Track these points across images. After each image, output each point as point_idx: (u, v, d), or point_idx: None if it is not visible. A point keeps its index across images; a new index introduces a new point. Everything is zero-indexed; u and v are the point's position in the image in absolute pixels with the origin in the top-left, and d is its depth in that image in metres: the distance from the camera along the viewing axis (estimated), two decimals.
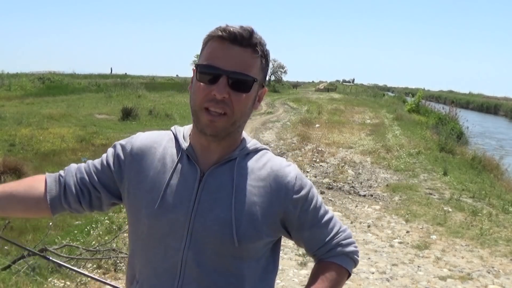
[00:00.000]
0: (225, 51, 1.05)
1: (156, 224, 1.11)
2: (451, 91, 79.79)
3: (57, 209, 1.20)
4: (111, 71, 52.24)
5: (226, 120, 1.06)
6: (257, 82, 1.10)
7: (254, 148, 1.18)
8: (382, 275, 4.22)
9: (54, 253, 3.75)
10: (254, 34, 1.07)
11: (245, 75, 1.05)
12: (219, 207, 1.09)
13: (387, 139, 13.18)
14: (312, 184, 1.20)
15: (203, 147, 1.13)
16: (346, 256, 1.22)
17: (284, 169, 1.16)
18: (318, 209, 1.19)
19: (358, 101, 32.34)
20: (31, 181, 1.23)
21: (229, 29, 1.04)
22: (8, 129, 10.99)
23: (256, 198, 1.11)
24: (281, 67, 53.13)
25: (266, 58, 1.11)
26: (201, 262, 1.09)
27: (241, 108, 1.08)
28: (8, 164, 6.66)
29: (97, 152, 9.11)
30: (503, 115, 38.35)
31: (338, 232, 1.22)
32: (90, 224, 4.99)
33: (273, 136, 13.11)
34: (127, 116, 14.66)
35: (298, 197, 1.14)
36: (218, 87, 1.03)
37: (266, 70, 1.14)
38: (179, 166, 1.14)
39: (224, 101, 1.04)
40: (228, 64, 1.04)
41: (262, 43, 1.09)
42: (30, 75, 32.11)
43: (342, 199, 6.86)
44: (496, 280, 4.26)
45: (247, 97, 1.08)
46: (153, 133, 1.26)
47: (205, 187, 1.10)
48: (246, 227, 1.09)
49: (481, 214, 6.27)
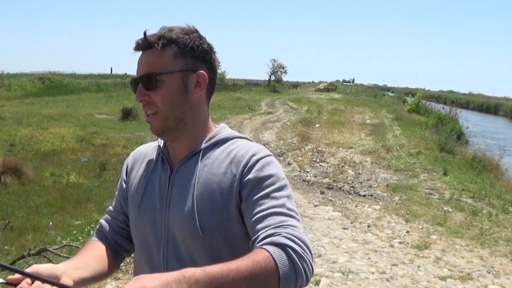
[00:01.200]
0: (138, 61, 1.14)
1: (139, 225, 1.19)
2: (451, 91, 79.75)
3: (120, 260, 1.31)
4: (111, 71, 52.28)
5: (158, 118, 1.12)
6: (165, 73, 1.10)
7: (223, 138, 1.17)
8: (382, 275, 4.22)
9: (54, 253, 3.75)
10: (152, 33, 1.11)
11: (150, 74, 1.10)
12: (184, 201, 1.11)
13: (387, 139, 13.18)
14: (278, 174, 1.08)
15: (171, 146, 1.20)
16: (281, 249, 0.92)
17: (247, 153, 1.11)
18: (268, 197, 1.04)
19: (358, 101, 32.33)
20: (99, 257, 1.22)
21: (136, 40, 1.13)
22: (8, 129, 11.00)
23: (216, 185, 1.09)
24: (281, 67, 53.20)
25: (181, 45, 1.11)
26: (180, 257, 1.11)
27: (165, 102, 1.11)
28: (8, 164, 6.66)
29: (97, 152, 9.12)
30: (503, 115, 38.33)
31: (283, 226, 0.99)
32: (90, 224, 4.99)
33: (273, 136, 13.11)
34: (127, 116, 14.67)
35: (247, 179, 1.07)
36: (136, 94, 1.12)
37: (190, 55, 1.12)
38: (155, 168, 1.20)
39: (150, 102, 1.11)
40: (139, 71, 1.12)
41: (168, 35, 1.11)
42: (30, 75, 32.15)
43: (342, 199, 6.86)
44: (496, 280, 4.26)
45: (165, 91, 1.10)
46: (144, 145, 1.34)
47: (174, 184, 1.14)
48: (209, 217, 1.08)
49: (481, 214, 6.27)
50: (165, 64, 1.10)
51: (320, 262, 4.42)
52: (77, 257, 1.16)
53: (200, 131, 1.17)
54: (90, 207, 5.78)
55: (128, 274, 3.85)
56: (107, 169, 7.56)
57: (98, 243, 1.25)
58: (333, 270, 4.26)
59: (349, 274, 4.18)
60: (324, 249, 4.81)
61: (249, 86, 45.03)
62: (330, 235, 5.27)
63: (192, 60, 1.12)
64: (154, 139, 1.30)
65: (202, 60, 1.14)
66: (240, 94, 31.25)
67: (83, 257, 1.16)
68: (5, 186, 6.34)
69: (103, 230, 1.28)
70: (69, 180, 6.84)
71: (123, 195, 1.28)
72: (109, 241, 1.26)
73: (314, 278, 4.00)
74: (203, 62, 1.14)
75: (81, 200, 6.04)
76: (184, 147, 1.16)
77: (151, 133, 1.17)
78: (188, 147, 1.16)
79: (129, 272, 3.88)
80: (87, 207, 5.76)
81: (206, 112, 1.19)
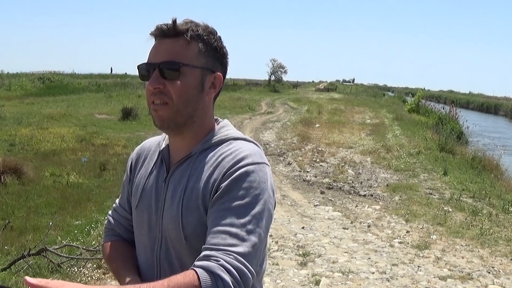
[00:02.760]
0: (157, 46, 1.09)
1: (138, 225, 1.19)
2: (451, 91, 79.72)
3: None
4: (111, 71, 52.25)
5: (167, 109, 1.07)
6: (190, 67, 1.07)
7: (218, 140, 1.13)
8: (382, 275, 4.22)
9: (54, 253, 3.75)
10: (180, 22, 1.08)
11: (171, 62, 1.06)
12: (173, 206, 1.10)
13: (387, 139, 13.18)
14: (255, 187, 1.02)
15: (172, 146, 1.17)
16: (212, 278, 0.91)
17: (233, 158, 1.06)
18: (230, 212, 0.99)
19: (358, 101, 32.32)
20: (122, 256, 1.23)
21: (158, 25, 1.08)
22: (8, 129, 11.00)
23: (200, 191, 1.07)
24: (281, 67, 53.09)
25: (206, 43, 1.09)
26: (171, 261, 1.11)
27: (181, 96, 1.07)
28: (8, 164, 6.66)
29: (97, 152, 9.12)
30: (503, 115, 38.33)
31: (227, 252, 0.95)
32: (90, 224, 4.99)
33: (273, 136, 13.11)
34: (127, 116, 14.67)
35: (221, 186, 1.03)
36: (151, 80, 1.07)
37: (212, 55, 1.11)
38: (154, 168, 1.19)
39: (162, 92, 1.07)
40: (158, 57, 1.07)
41: (196, 29, 1.08)
42: (30, 75, 32.16)
43: (342, 199, 6.85)
44: (496, 280, 4.26)
45: (183, 84, 1.07)
46: (149, 140, 1.30)
47: (168, 187, 1.13)
48: (193, 225, 1.06)
49: (481, 214, 6.26)
50: (190, 57, 1.08)
51: (320, 262, 4.42)
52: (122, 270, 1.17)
53: (203, 131, 1.14)
54: (90, 207, 5.78)
55: None
56: (107, 169, 7.56)
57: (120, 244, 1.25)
58: (333, 270, 4.26)
59: (349, 274, 4.17)
60: (324, 249, 4.81)
61: (249, 86, 45.00)
62: (330, 235, 5.27)
63: (213, 60, 1.11)
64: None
65: (220, 63, 1.14)
66: (240, 94, 31.23)
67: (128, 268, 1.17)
68: (5, 186, 6.34)
69: (116, 230, 1.28)
70: (69, 180, 6.84)
71: (129, 193, 1.26)
72: (124, 240, 1.26)
73: (314, 278, 4.00)
74: (220, 65, 1.14)
75: (81, 200, 6.04)
76: (184, 145, 1.14)
77: (151, 133, 1.16)
78: (188, 146, 1.14)
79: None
80: (87, 207, 5.76)
81: (212, 114, 1.17)
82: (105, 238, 1.29)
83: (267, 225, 1.03)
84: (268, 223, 1.04)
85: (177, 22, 1.08)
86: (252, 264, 0.97)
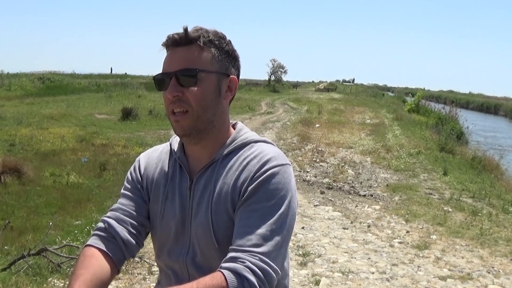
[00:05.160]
0: (171, 56, 1.10)
1: (162, 234, 1.18)
2: (451, 91, 79.69)
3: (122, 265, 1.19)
4: (111, 71, 52.25)
5: (188, 117, 1.09)
6: (206, 72, 1.09)
7: (240, 144, 1.16)
8: (382, 275, 4.22)
9: (54, 253, 3.75)
10: (191, 30, 1.09)
11: (190, 69, 1.07)
12: (201, 212, 1.12)
13: (387, 139, 13.18)
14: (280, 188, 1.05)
15: (192, 153, 1.17)
16: (239, 280, 0.97)
17: (258, 162, 1.09)
18: (257, 213, 1.03)
19: (358, 101, 32.32)
20: (92, 266, 1.08)
21: (169, 36, 1.09)
22: (8, 129, 11.00)
23: (228, 195, 1.10)
24: (281, 67, 53.06)
25: (219, 47, 1.11)
26: (200, 266, 1.13)
27: (200, 102, 1.09)
28: (8, 164, 6.66)
29: (97, 152, 9.11)
30: (503, 115, 38.33)
31: (253, 253, 1.00)
32: (90, 224, 4.99)
33: (273, 136, 13.10)
34: (127, 116, 14.66)
35: (249, 188, 1.06)
36: (169, 89, 1.08)
37: (226, 60, 1.13)
38: (174, 177, 1.19)
39: (181, 100, 1.08)
40: (174, 65, 1.09)
41: (207, 35, 1.10)
42: (30, 75, 32.11)
43: (342, 199, 6.85)
44: (496, 280, 4.26)
45: (201, 90, 1.08)
46: (151, 151, 1.30)
47: (194, 194, 1.14)
48: (224, 229, 1.09)
49: (481, 214, 6.26)
50: (205, 62, 1.09)
51: (320, 262, 4.42)
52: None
53: (223, 135, 1.17)
54: (90, 207, 5.77)
55: (128, 274, 3.85)
56: (107, 169, 7.55)
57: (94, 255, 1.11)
58: (333, 270, 4.26)
59: (349, 274, 4.17)
60: (324, 249, 4.81)
61: (249, 86, 45.00)
62: (330, 235, 5.27)
63: (226, 64, 1.13)
64: (154, 139, 1.29)
65: (233, 66, 1.16)
66: (240, 94, 31.22)
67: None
68: (5, 186, 6.34)
69: (113, 233, 1.16)
70: (69, 180, 6.83)
71: (143, 198, 1.20)
72: (116, 243, 1.15)
73: (314, 278, 4.00)
74: (234, 68, 1.16)
75: (81, 200, 6.04)
76: (205, 152, 1.15)
77: (151, 133, 1.17)
78: (209, 152, 1.15)
79: (129, 272, 3.89)
80: (87, 207, 5.75)
81: (229, 118, 1.20)
82: (91, 239, 1.17)
83: (291, 223, 1.08)
84: (292, 221, 1.08)
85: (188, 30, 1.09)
86: (276, 262, 1.02)
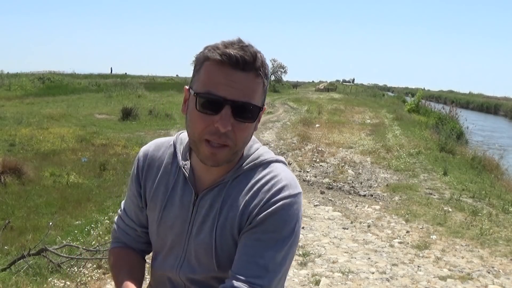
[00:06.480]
0: (227, 77, 0.94)
1: (158, 240, 1.16)
2: (451, 91, 79.73)
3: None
4: (111, 71, 52.30)
5: (228, 152, 0.99)
6: (259, 109, 1.01)
7: (252, 165, 1.08)
8: (382, 275, 4.22)
9: (54, 253, 3.75)
10: (258, 57, 0.97)
11: (250, 104, 0.97)
12: (204, 232, 1.08)
13: (387, 139, 13.18)
14: (289, 222, 1.02)
15: (200, 168, 1.09)
16: None
17: (270, 189, 1.03)
18: (262, 243, 1.00)
19: (358, 101, 32.31)
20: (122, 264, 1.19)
21: (230, 53, 0.94)
22: (8, 129, 10.99)
23: (236, 219, 1.05)
24: (281, 67, 53.13)
25: (267, 79, 1.02)
26: (194, 281, 1.11)
27: (244, 138, 1.01)
28: (8, 164, 6.66)
29: (97, 152, 9.11)
30: (503, 115, 38.33)
31: (253, 284, 0.98)
32: (90, 224, 4.98)
33: (273, 136, 13.10)
34: (127, 116, 14.66)
35: (258, 217, 1.02)
36: (222, 120, 0.94)
37: (266, 90, 1.05)
38: (176, 187, 1.12)
39: (227, 134, 0.96)
40: (232, 93, 0.94)
41: (264, 63, 0.99)
42: (30, 75, 32.10)
43: (342, 199, 6.85)
44: (496, 280, 4.26)
45: (250, 127, 1.01)
46: (153, 146, 1.20)
47: (198, 211, 1.09)
48: (227, 254, 1.06)
49: (481, 214, 6.26)
50: (258, 97, 0.99)
51: (320, 262, 4.42)
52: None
53: (237, 159, 1.08)
54: (90, 207, 5.77)
55: None
56: (107, 169, 7.55)
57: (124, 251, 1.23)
58: (333, 270, 4.26)
59: (349, 274, 4.18)
60: (324, 249, 4.81)
61: None
62: (330, 235, 5.27)
63: (265, 96, 1.05)
64: (154, 139, 1.26)
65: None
66: None
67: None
68: (5, 186, 6.34)
69: (121, 238, 1.25)
70: (69, 180, 6.83)
71: (139, 202, 1.19)
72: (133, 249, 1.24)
73: (314, 278, 4.00)
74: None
75: (81, 200, 6.03)
76: (216, 171, 1.07)
77: (150, 133, 1.15)
78: (220, 172, 1.07)
79: None
80: (87, 207, 5.75)
81: None
82: (111, 244, 1.27)
83: (294, 250, 1.06)
84: (295, 247, 1.06)
85: (247, 53, 0.95)
86: None
